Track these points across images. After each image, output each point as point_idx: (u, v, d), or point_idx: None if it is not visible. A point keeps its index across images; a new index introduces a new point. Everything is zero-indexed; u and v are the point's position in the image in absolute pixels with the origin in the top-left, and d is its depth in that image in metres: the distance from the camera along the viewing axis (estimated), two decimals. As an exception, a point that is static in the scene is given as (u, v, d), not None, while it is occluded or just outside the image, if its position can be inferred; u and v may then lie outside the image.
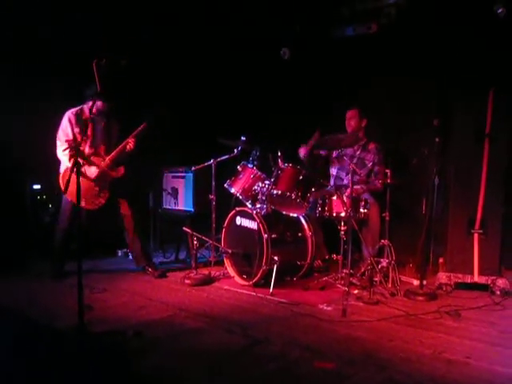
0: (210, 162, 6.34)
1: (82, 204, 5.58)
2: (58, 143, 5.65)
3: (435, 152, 5.11)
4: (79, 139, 5.61)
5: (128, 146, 5.78)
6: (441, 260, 5.57)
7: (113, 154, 5.78)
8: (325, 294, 5.21)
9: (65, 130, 5.65)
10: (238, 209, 5.77)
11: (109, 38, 6.48)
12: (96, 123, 5.82)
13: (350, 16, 6.55)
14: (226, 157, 6.31)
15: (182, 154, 7.36)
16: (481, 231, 5.25)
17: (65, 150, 5.57)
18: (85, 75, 4.27)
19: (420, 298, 4.96)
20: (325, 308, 4.74)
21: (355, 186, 5.62)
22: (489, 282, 5.13)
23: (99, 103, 5.65)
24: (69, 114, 5.69)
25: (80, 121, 5.68)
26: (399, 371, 3.34)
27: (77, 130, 5.65)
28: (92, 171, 5.71)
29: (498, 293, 5.03)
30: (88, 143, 5.76)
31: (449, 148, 5.53)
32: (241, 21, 7.08)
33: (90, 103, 5.61)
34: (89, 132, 5.74)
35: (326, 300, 4.95)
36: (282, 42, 7.27)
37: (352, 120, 6.12)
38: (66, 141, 5.60)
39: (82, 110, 5.75)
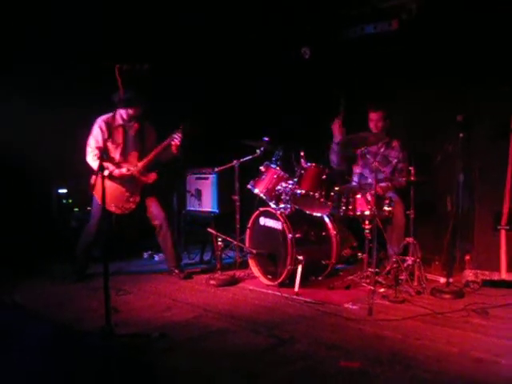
0: (233, 163, 6.35)
1: (112, 209, 5.64)
2: (89, 150, 5.67)
3: (459, 148, 5.06)
4: (110, 147, 5.69)
5: (174, 142, 5.74)
6: (467, 257, 5.50)
7: (147, 158, 5.79)
8: (350, 293, 5.18)
9: (95, 137, 5.66)
10: (261, 209, 5.76)
11: (131, 43, 6.53)
12: (128, 130, 5.83)
13: (371, 14, 6.50)
14: (249, 157, 6.31)
15: (205, 155, 7.38)
16: (508, 227, 5.18)
17: (94, 156, 5.61)
18: (113, 82, 4.28)
19: (446, 296, 4.91)
20: (350, 307, 4.72)
21: (381, 184, 5.59)
22: (516, 279, 5.06)
23: (130, 110, 5.69)
24: (99, 122, 5.70)
25: (111, 128, 5.70)
26: (426, 370, 3.31)
27: (107, 136, 5.66)
28: (123, 170, 5.71)
29: (526, 290, 4.96)
30: (119, 150, 5.79)
31: (473, 144, 5.47)
32: (262, 20, 7.08)
33: (122, 110, 5.68)
34: (120, 139, 5.78)
35: (351, 299, 4.93)
36: (302, 42, 7.25)
37: (379, 122, 6.04)
38: (97, 147, 5.63)
39: (113, 116, 5.77)
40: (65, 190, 6.92)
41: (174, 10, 6.72)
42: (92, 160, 5.63)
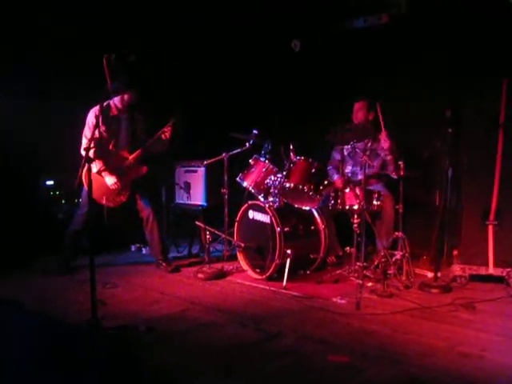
0: (221, 156, 6.33)
1: (103, 201, 5.60)
2: (84, 140, 5.59)
3: (448, 143, 5.06)
4: (105, 136, 5.64)
5: (164, 136, 5.73)
6: (455, 252, 5.52)
7: (138, 152, 5.76)
8: (338, 287, 5.19)
9: (91, 128, 5.56)
10: (250, 202, 5.75)
11: (123, 35, 6.50)
12: (121, 120, 5.80)
13: (360, 7, 6.50)
14: (238, 150, 6.29)
15: (194, 148, 7.35)
16: (495, 222, 5.20)
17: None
18: (99, 73, 4.25)
19: (434, 291, 4.92)
20: (338, 301, 4.72)
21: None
22: (504, 274, 5.07)
23: (125, 95, 5.64)
24: (95, 110, 5.59)
25: (107, 118, 5.66)
26: (414, 365, 3.31)
27: (102, 127, 5.62)
28: (110, 180, 5.67)
29: (514, 285, 4.98)
30: (113, 141, 5.74)
31: (462, 139, 5.49)
32: (250, 13, 7.06)
33: (117, 98, 5.63)
34: (114, 130, 5.74)
35: (339, 293, 4.93)
36: (292, 34, 7.24)
37: (360, 111, 6.05)
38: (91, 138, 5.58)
39: (108, 105, 5.72)
40: (52, 182, 6.85)
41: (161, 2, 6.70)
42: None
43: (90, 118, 5.62)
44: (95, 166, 5.54)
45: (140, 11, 6.76)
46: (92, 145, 5.45)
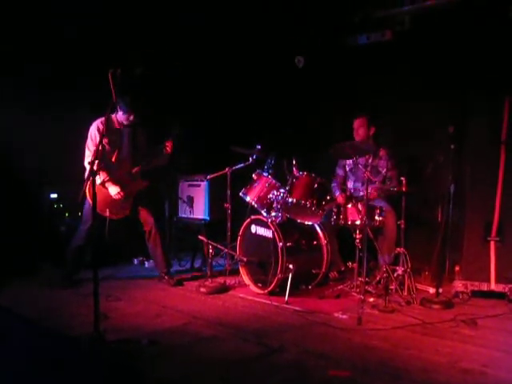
0: (225, 171, 6.34)
1: (107, 214, 5.62)
2: (87, 152, 5.62)
3: (451, 159, 5.08)
4: (107, 149, 5.67)
5: (165, 150, 5.80)
6: (457, 268, 5.52)
7: (140, 166, 5.82)
8: (340, 303, 5.19)
9: (94, 140, 5.60)
10: (253, 217, 5.77)
11: (125, 49, 6.54)
12: (123, 134, 5.84)
13: (364, 24, 6.55)
14: (241, 165, 6.29)
15: (197, 162, 7.38)
16: (497, 238, 5.21)
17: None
18: (102, 87, 4.28)
19: (436, 307, 4.93)
20: (340, 316, 4.72)
21: (370, 190, 5.61)
22: (506, 290, 5.07)
23: (128, 115, 5.70)
24: (97, 123, 5.65)
25: (109, 130, 5.68)
26: (415, 380, 3.32)
27: (105, 139, 5.62)
28: (114, 190, 5.69)
29: (516, 301, 4.98)
30: (115, 154, 5.77)
31: (464, 155, 5.51)
32: (254, 29, 7.11)
33: (119, 113, 5.68)
34: (116, 143, 5.77)
35: (341, 308, 4.93)
36: (296, 51, 7.29)
37: (360, 129, 6.08)
38: (95, 151, 5.60)
39: (111, 120, 5.75)
40: (55, 195, 6.88)
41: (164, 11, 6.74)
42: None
43: (93, 130, 5.65)
44: (99, 178, 5.57)
45: (140, 19, 6.78)
46: (96, 157, 5.51)
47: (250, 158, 6.20)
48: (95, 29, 6.43)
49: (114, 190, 5.68)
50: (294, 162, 5.62)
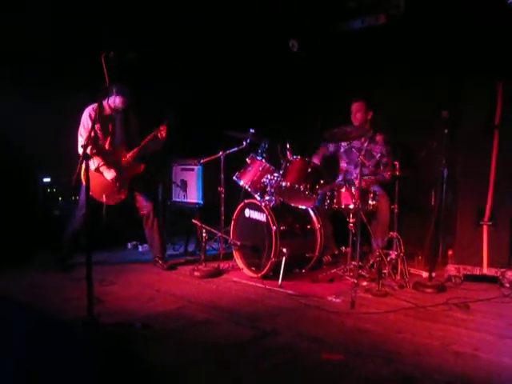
0: (218, 155, 6.31)
1: (103, 199, 5.62)
2: (80, 139, 5.62)
3: (444, 144, 5.08)
4: (100, 135, 5.66)
5: (160, 135, 5.77)
6: (450, 252, 5.56)
7: (136, 149, 5.79)
8: (333, 286, 5.21)
9: (86, 126, 5.61)
10: (246, 201, 5.77)
11: (119, 33, 6.51)
12: (116, 119, 5.83)
13: (358, 8, 6.51)
14: (235, 149, 6.28)
15: (191, 146, 7.36)
16: (490, 223, 5.23)
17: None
18: (95, 72, 4.25)
19: (429, 290, 4.95)
20: (333, 300, 4.75)
21: (364, 178, 5.61)
22: (498, 274, 5.10)
23: (120, 99, 5.68)
24: (89, 110, 5.66)
25: (101, 117, 5.67)
26: (407, 363, 3.34)
27: (97, 125, 5.64)
28: (109, 174, 5.69)
29: (507, 285, 4.99)
30: (108, 140, 5.76)
31: (457, 140, 5.51)
32: (247, 13, 7.06)
33: (111, 99, 5.66)
34: (109, 129, 5.77)
35: (334, 292, 4.96)
36: (290, 35, 7.25)
37: (358, 113, 6.07)
38: (88, 137, 5.58)
39: (102, 106, 5.73)
40: (49, 179, 6.85)
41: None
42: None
43: (85, 117, 5.64)
44: (93, 164, 5.57)
45: (138, 12, 6.75)
46: (89, 142, 5.49)
47: (244, 142, 6.18)
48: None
49: (109, 175, 5.68)
50: (287, 146, 5.62)
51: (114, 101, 5.70)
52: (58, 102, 6.37)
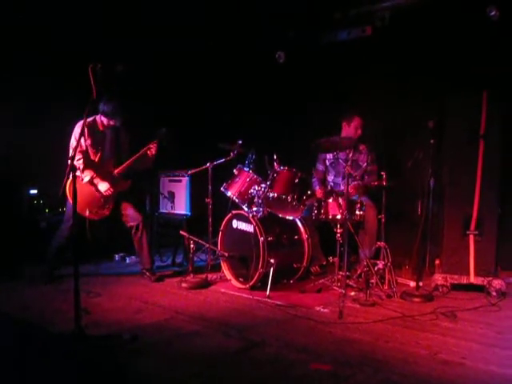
0: (206, 166, 6.32)
1: (86, 214, 5.58)
2: (72, 152, 5.60)
3: (430, 154, 5.12)
4: (90, 151, 5.66)
5: (149, 152, 5.80)
6: (437, 261, 5.59)
7: (123, 166, 5.80)
8: (321, 297, 5.22)
9: (77, 140, 5.58)
10: (234, 212, 5.77)
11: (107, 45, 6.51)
12: (106, 135, 5.84)
13: (344, 20, 6.56)
14: (222, 160, 6.29)
15: (178, 157, 7.36)
16: (476, 232, 5.27)
17: (78, 160, 5.56)
18: (86, 84, 4.25)
19: (416, 300, 4.97)
20: (321, 310, 4.75)
21: (352, 183, 5.65)
22: (485, 283, 5.13)
23: (106, 119, 5.69)
24: (81, 125, 5.62)
25: (93, 132, 5.69)
26: (395, 372, 3.34)
27: (88, 141, 5.65)
28: (103, 186, 5.69)
29: (494, 294, 5.03)
30: (98, 155, 5.77)
31: (443, 149, 5.55)
32: (235, 25, 7.09)
33: (103, 117, 5.66)
34: (99, 144, 5.78)
35: (322, 302, 4.96)
36: (276, 46, 7.29)
37: (359, 129, 6.12)
38: (79, 151, 5.57)
39: (94, 120, 5.75)
40: (35, 191, 6.82)
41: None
42: (76, 163, 5.57)
43: (77, 131, 5.62)
44: (87, 175, 5.57)
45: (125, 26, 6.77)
46: (79, 156, 5.49)
47: (232, 153, 6.19)
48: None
49: (104, 186, 5.68)
50: (275, 157, 5.63)
51: (107, 119, 5.70)
52: (45, 114, 6.36)
